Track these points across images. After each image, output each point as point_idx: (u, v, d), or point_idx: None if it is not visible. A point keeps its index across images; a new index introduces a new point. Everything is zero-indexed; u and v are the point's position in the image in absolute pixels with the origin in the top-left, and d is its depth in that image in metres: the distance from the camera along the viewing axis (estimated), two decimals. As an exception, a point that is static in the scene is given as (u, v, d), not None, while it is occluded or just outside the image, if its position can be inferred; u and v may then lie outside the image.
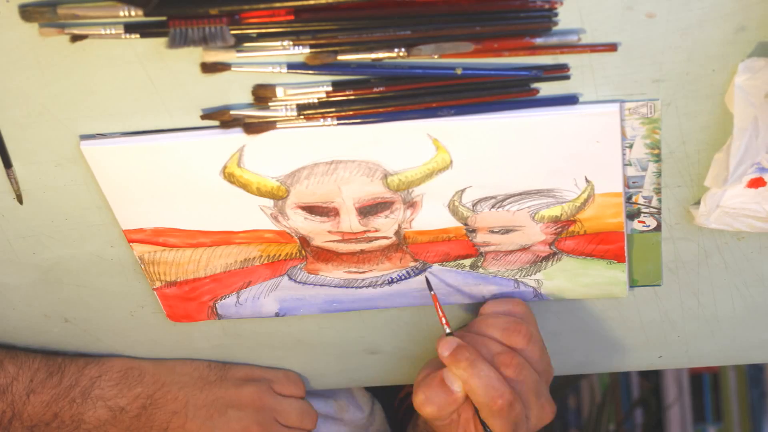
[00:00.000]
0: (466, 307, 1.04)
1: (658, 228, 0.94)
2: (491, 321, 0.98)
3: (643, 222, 0.93)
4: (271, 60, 0.81)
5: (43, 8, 0.77)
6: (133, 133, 0.87)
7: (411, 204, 0.91)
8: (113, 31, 0.79)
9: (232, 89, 0.83)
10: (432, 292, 0.99)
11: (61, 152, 0.89)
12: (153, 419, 1.08)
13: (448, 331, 0.98)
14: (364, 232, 0.94)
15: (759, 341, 1.08)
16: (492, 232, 0.94)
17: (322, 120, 0.84)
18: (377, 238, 0.95)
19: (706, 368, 2.23)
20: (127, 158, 0.88)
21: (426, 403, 0.97)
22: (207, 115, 0.85)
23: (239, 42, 0.79)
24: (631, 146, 0.86)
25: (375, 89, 0.82)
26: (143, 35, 0.79)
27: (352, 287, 1.01)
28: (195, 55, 0.81)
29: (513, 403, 0.94)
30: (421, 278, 0.99)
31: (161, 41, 0.79)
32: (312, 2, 0.76)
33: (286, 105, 0.84)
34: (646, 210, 0.92)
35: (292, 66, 0.81)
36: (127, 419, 1.08)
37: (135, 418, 1.08)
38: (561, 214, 0.92)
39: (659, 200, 0.91)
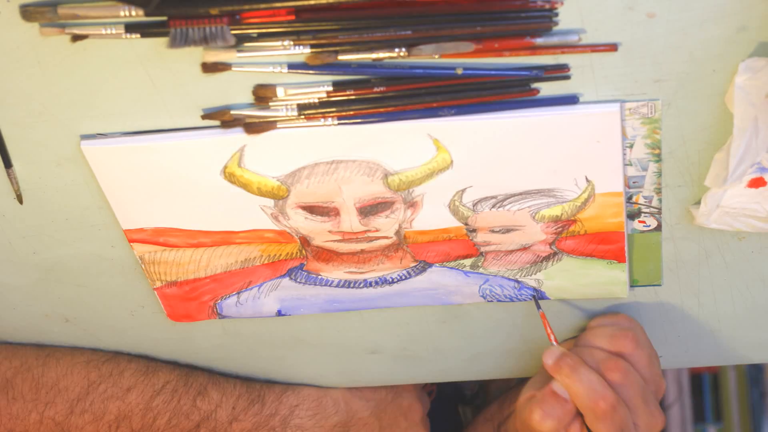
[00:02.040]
0: (466, 307, 1.04)
1: (658, 228, 0.94)
2: (598, 331, 0.99)
3: (644, 222, 0.93)
4: (272, 60, 0.81)
5: (44, 8, 0.77)
6: (133, 133, 0.87)
7: (411, 204, 0.91)
8: (114, 31, 0.79)
9: (233, 89, 0.84)
10: (540, 310, 1.00)
11: (62, 152, 0.89)
12: None
13: (556, 343, 0.99)
14: (365, 231, 0.94)
15: (759, 341, 1.08)
16: (492, 231, 0.94)
17: (322, 120, 0.84)
18: (378, 238, 0.95)
19: (706, 368, 2.23)
20: (128, 158, 0.88)
21: (545, 418, 0.96)
22: (207, 115, 0.85)
23: (240, 42, 0.79)
24: (631, 146, 0.86)
25: (375, 89, 0.82)
26: (144, 35, 0.79)
27: (352, 287, 1.01)
28: (195, 55, 0.81)
29: (616, 406, 0.94)
30: (421, 278, 0.99)
31: (162, 41, 0.79)
32: (313, 2, 0.76)
33: (286, 105, 0.84)
34: (647, 210, 0.92)
35: (292, 66, 0.81)
36: None
37: None
38: (561, 214, 0.92)
39: (660, 200, 0.91)
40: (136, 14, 0.77)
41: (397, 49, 0.79)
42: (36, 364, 1.05)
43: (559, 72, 0.81)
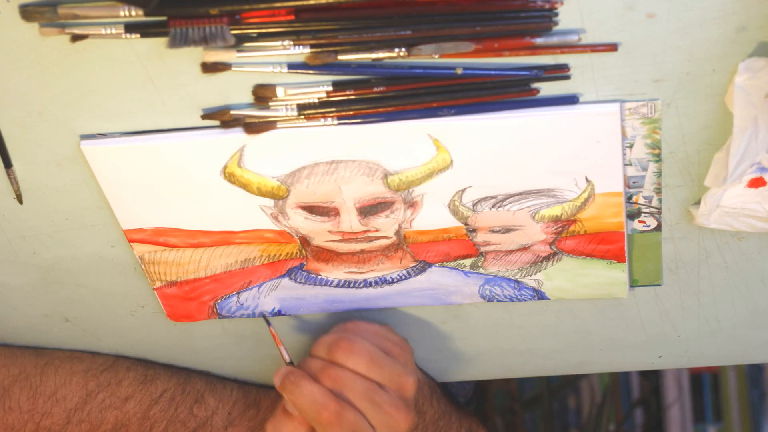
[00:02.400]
0: (466, 307, 1.04)
1: (658, 228, 0.94)
2: (320, 341, 1.01)
3: (644, 222, 0.93)
4: (272, 60, 0.81)
5: (44, 8, 0.77)
6: (133, 133, 0.87)
7: (411, 204, 0.91)
8: (113, 31, 0.79)
9: (233, 89, 0.83)
10: (270, 327, 1.02)
11: (61, 152, 0.89)
12: None
13: (288, 361, 1.01)
14: (365, 231, 0.94)
15: (759, 341, 1.08)
16: (492, 231, 0.94)
17: (322, 120, 0.84)
18: (377, 238, 0.95)
19: (706, 368, 2.23)
20: (128, 158, 0.88)
21: None
22: (207, 114, 0.85)
23: (240, 42, 0.79)
24: (631, 146, 0.86)
25: (375, 89, 0.82)
26: (144, 35, 0.79)
27: (352, 287, 1.01)
28: (195, 54, 0.81)
29: (341, 413, 0.95)
30: (422, 278, 0.99)
31: (162, 41, 0.79)
32: (312, 2, 0.76)
33: (286, 105, 0.84)
34: (647, 210, 0.92)
35: (292, 66, 0.81)
36: None
37: None
38: (561, 214, 0.92)
39: (659, 200, 0.91)
40: (136, 14, 0.77)
41: (396, 49, 0.79)
42: (34, 373, 1.05)
43: (559, 72, 0.81)
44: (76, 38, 0.79)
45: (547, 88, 0.82)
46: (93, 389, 1.06)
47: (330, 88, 0.83)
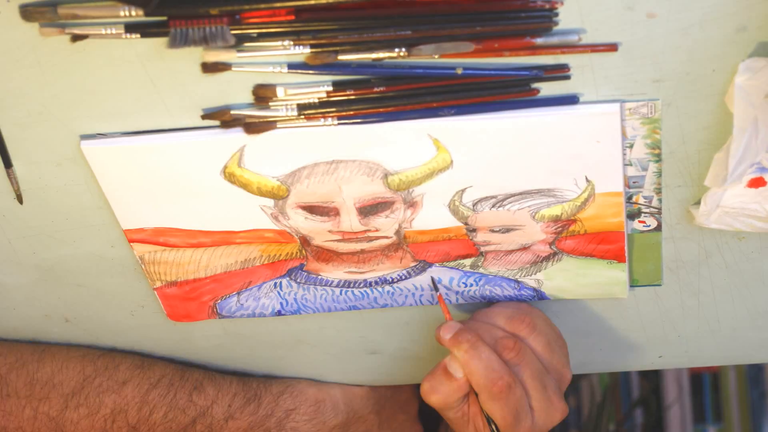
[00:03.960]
0: (465, 307, 1.04)
1: (658, 228, 0.94)
2: (497, 309, 0.98)
3: (644, 222, 0.93)
4: (272, 60, 0.81)
5: (44, 8, 0.77)
6: (133, 133, 0.87)
7: (411, 204, 0.91)
8: (114, 31, 0.79)
9: (233, 89, 0.84)
10: (437, 293, 0.99)
11: (62, 152, 0.89)
12: None
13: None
14: (365, 231, 0.94)
15: (759, 341, 1.08)
16: (492, 231, 0.94)
17: (322, 120, 0.84)
18: (377, 238, 0.95)
19: (706, 368, 2.23)
20: (128, 158, 0.88)
21: (431, 392, 0.97)
22: (207, 114, 0.85)
23: (240, 42, 0.79)
24: (631, 146, 0.86)
25: (375, 89, 0.82)
26: (144, 35, 0.79)
27: (352, 287, 1.01)
28: (195, 55, 0.81)
29: (513, 386, 0.93)
30: (421, 278, 0.99)
31: (162, 41, 0.79)
32: (312, 2, 0.76)
33: (286, 105, 0.84)
34: (647, 210, 0.92)
35: (292, 66, 0.81)
36: None
37: None
38: (561, 214, 0.92)
39: (660, 200, 0.91)
40: (136, 14, 0.77)
41: (397, 49, 0.79)
42: (31, 360, 1.05)
43: (559, 72, 0.81)
44: (76, 38, 0.79)
45: (547, 88, 0.82)
46: (90, 374, 1.06)
47: (330, 88, 0.83)
